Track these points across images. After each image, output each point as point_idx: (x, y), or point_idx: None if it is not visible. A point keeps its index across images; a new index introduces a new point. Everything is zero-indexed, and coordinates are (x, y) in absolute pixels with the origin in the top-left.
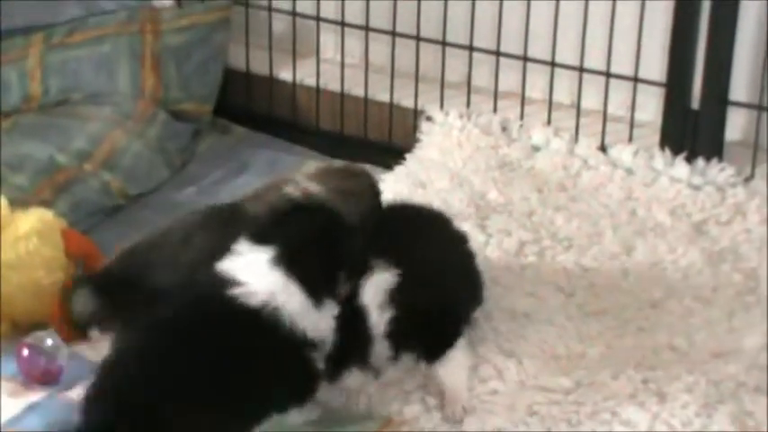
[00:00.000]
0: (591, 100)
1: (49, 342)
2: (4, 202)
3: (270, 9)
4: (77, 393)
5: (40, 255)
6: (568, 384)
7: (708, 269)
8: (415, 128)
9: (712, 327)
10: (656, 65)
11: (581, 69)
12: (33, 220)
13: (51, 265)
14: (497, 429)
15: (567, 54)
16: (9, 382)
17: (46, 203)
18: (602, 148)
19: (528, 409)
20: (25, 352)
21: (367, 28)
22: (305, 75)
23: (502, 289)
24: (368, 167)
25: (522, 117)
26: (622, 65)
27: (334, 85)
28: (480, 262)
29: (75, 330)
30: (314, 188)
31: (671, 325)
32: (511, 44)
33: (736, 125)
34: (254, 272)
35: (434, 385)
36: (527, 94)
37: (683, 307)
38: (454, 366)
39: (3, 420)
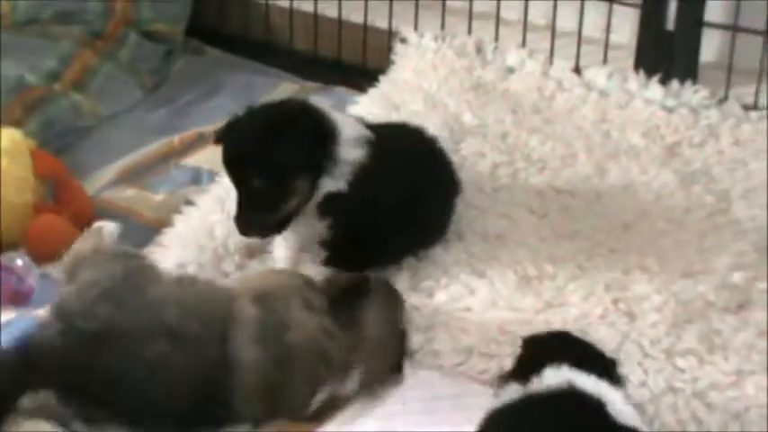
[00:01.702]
0: (566, 21)
1: (20, 262)
2: None
3: None
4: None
5: (10, 174)
6: (539, 305)
7: (680, 191)
8: (389, 49)
9: (683, 248)
10: None
11: None
12: (3, 139)
13: (21, 186)
14: (469, 346)
15: None
16: None
17: (16, 123)
18: (577, 70)
19: (499, 328)
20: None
21: None
22: None
23: (475, 210)
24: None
25: (496, 39)
26: None
27: (308, 6)
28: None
29: None
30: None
31: (642, 246)
32: None
33: (711, 47)
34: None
35: None
36: (502, 15)
37: (655, 228)
38: None
39: None
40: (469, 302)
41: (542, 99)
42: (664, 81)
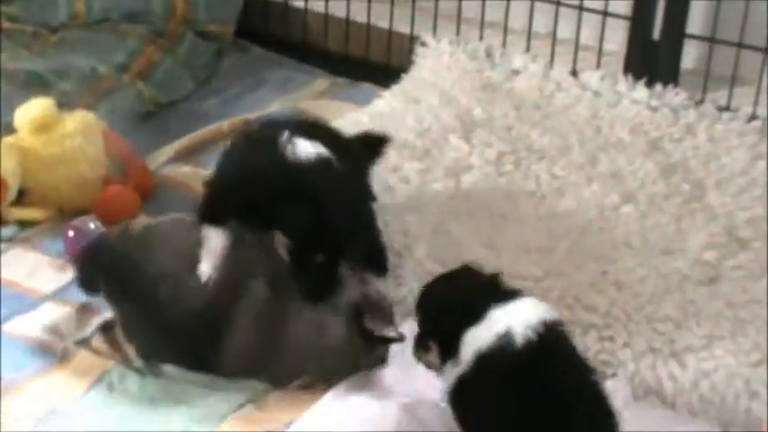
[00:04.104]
0: (565, 31)
1: (92, 226)
2: (53, 103)
3: None
4: None
5: (84, 151)
6: (539, 273)
7: (661, 180)
8: (410, 51)
9: (663, 228)
10: (622, 0)
11: (557, 3)
12: (78, 120)
13: (94, 162)
14: None
15: None
16: (56, 259)
17: (88, 108)
18: (574, 73)
19: None
20: (71, 233)
21: None
22: (315, 2)
23: (483, 192)
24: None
25: (504, 45)
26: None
27: (340, 12)
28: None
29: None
30: None
31: (627, 226)
32: None
33: (692, 55)
34: None
35: None
36: (509, 24)
37: (639, 211)
38: None
39: (50, 290)
40: None
41: (543, 98)
42: (649, 84)
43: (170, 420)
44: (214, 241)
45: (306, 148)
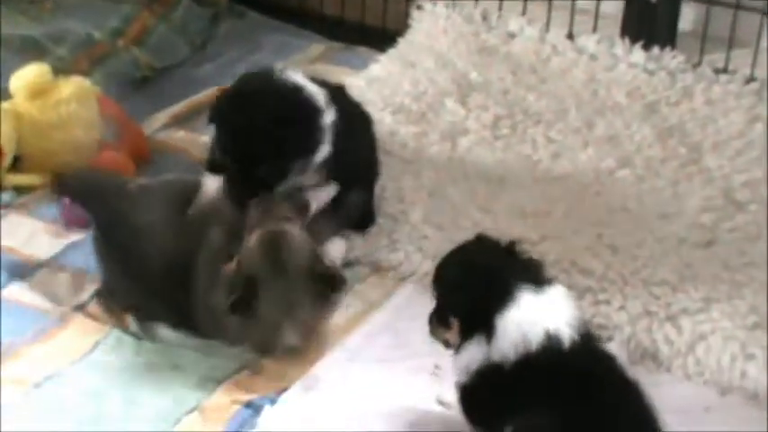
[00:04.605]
0: None
1: None
2: (48, 69)
3: None
4: None
5: (79, 116)
6: (535, 237)
7: (657, 143)
8: (406, 15)
9: (659, 192)
10: None
11: None
12: (73, 86)
13: (88, 127)
14: None
15: None
16: (52, 224)
17: (84, 73)
18: (570, 37)
19: None
20: (66, 200)
21: None
22: None
23: (479, 156)
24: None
25: (500, 8)
26: None
27: None
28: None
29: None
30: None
31: (624, 189)
32: None
33: (689, 17)
34: None
35: None
36: None
37: (635, 175)
38: None
39: (47, 256)
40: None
41: (539, 61)
42: (646, 47)
43: (167, 385)
44: (207, 186)
45: (294, 77)
